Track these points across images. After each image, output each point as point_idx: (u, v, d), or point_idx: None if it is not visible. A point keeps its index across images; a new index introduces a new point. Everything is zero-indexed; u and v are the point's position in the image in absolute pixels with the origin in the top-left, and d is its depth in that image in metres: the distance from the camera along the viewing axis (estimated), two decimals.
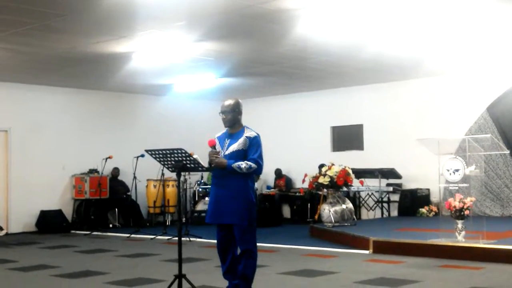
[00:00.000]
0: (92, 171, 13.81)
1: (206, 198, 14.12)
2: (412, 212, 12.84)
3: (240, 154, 5.47)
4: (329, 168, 10.88)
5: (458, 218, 8.10)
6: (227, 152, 5.50)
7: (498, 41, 9.91)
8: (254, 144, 5.47)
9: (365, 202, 13.96)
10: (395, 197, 13.52)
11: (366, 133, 14.43)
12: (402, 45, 10.00)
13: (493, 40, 9.83)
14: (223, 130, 5.75)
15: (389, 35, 9.31)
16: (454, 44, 10.07)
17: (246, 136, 5.50)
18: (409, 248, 8.53)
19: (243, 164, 5.34)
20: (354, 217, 11.27)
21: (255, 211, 5.55)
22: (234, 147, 5.49)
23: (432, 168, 9.23)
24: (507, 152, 10.11)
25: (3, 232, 12.65)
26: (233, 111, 5.56)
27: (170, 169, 5.68)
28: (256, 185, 14.96)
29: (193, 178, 14.42)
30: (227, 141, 5.57)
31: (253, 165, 5.37)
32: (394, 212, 13.54)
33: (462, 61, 11.54)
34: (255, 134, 5.53)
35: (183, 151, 5.47)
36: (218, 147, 5.53)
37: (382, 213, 13.58)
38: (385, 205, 13.60)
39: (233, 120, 5.58)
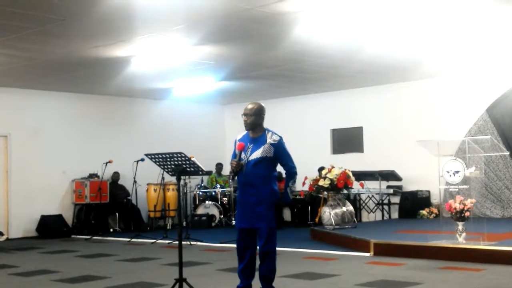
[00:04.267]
0: (92, 175, 13.80)
1: (207, 202, 14.11)
2: (412, 214, 12.82)
3: (266, 161, 5.58)
4: (329, 171, 10.87)
5: (458, 219, 8.09)
6: (250, 158, 5.58)
7: (497, 42, 9.92)
8: (282, 150, 5.65)
9: (366, 204, 13.95)
10: (396, 199, 13.51)
11: (366, 136, 14.43)
12: (401, 46, 10.01)
13: (492, 41, 9.84)
14: (243, 132, 5.81)
15: (388, 36, 9.31)
16: (453, 45, 10.08)
17: (270, 144, 5.60)
18: (410, 250, 8.52)
19: (294, 185, 5.79)
20: (355, 219, 11.26)
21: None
22: (258, 153, 5.56)
23: (432, 170, 9.21)
24: (507, 153, 10.11)
25: (4, 238, 12.64)
26: (255, 115, 5.67)
27: (170, 173, 5.70)
28: None
29: (193, 182, 14.40)
30: (250, 146, 5.64)
31: (293, 172, 5.68)
32: (395, 214, 13.52)
33: (461, 62, 11.54)
34: (278, 138, 5.66)
35: (183, 155, 5.49)
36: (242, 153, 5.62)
37: (383, 216, 13.57)
38: (386, 207, 13.59)
39: (254, 123, 5.68)
